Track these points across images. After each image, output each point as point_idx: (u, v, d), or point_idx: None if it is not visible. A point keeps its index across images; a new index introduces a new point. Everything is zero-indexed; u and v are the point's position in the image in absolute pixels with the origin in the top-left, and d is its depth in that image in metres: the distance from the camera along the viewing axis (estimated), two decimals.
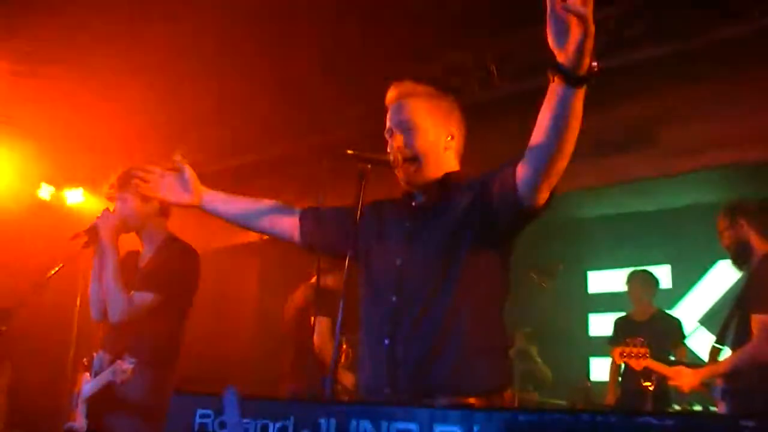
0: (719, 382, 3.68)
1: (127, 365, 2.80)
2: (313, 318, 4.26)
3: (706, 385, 3.82)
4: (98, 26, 4.84)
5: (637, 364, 4.00)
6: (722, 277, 3.92)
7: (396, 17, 4.77)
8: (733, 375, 3.60)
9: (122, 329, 3.08)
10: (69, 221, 6.53)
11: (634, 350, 4.04)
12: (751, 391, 3.47)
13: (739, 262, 3.73)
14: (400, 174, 2.13)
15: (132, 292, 3.06)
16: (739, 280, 4.24)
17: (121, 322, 3.04)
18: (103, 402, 2.99)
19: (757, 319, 3.36)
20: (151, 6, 4.66)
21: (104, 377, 2.93)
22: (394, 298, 2.03)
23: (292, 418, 1.39)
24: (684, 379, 3.82)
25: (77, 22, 4.81)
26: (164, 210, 3.30)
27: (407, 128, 2.12)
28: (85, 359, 3.22)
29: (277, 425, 1.40)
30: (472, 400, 1.89)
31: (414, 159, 2.10)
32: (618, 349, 4.08)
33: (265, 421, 1.42)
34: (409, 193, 2.23)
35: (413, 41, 5.06)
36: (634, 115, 5.43)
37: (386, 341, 2.00)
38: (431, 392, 1.90)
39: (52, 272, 3.12)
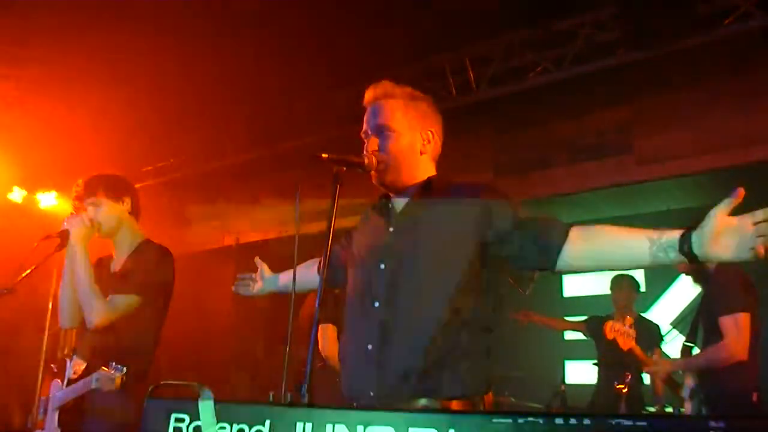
0: (689, 382, 3.78)
1: (116, 373, 2.66)
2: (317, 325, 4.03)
3: (678, 384, 3.92)
4: (73, 30, 4.79)
5: (624, 343, 4.05)
6: (692, 282, 4.01)
7: (374, 23, 4.78)
8: (702, 375, 3.76)
9: (97, 333, 2.99)
10: (42, 225, 6.43)
11: (623, 329, 4.07)
12: (719, 392, 3.64)
13: (700, 278, 3.91)
14: (373, 177, 2.11)
15: (110, 295, 2.98)
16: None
17: (100, 326, 2.93)
18: (77, 409, 2.88)
19: (725, 321, 3.58)
20: (127, 14, 4.63)
21: (85, 384, 2.78)
22: (377, 304, 2.01)
23: (267, 422, 1.38)
24: (659, 365, 4.03)
25: (51, 26, 4.76)
26: (135, 212, 3.25)
27: (382, 131, 2.11)
28: (53, 365, 3.11)
29: (253, 429, 1.39)
30: (454, 404, 1.87)
31: (387, 162, 2.08)
32: (609, 323, 4.10)
33: (240, 426, 1.41)
34: (386, 195, 2.21)
35: (391, 46, 5.08)
36: (609, 122, 5.49)
37: (369, 347, 1.97)
38: (416, 396, 1.89)
39: (24, 275, 3.06)
